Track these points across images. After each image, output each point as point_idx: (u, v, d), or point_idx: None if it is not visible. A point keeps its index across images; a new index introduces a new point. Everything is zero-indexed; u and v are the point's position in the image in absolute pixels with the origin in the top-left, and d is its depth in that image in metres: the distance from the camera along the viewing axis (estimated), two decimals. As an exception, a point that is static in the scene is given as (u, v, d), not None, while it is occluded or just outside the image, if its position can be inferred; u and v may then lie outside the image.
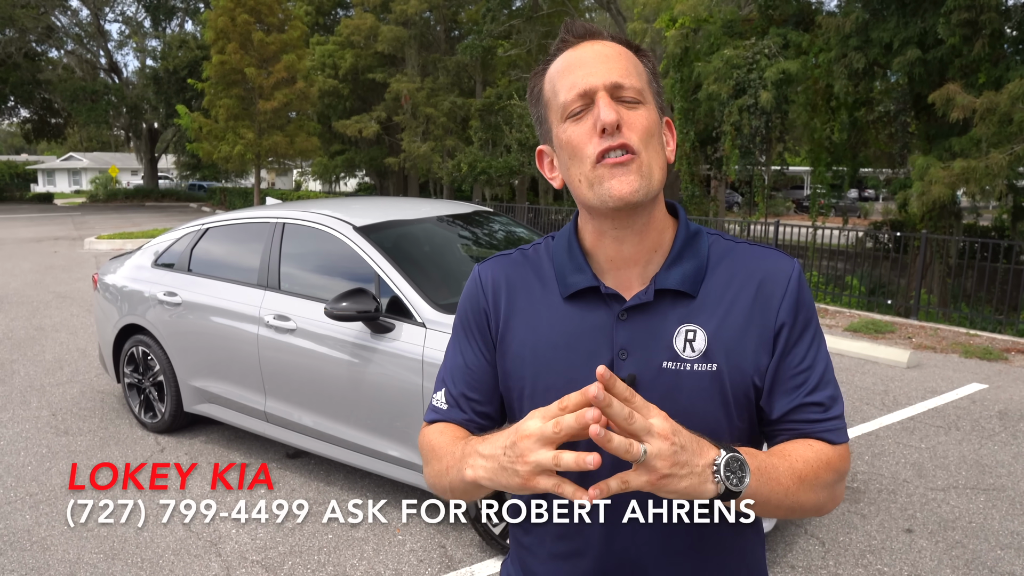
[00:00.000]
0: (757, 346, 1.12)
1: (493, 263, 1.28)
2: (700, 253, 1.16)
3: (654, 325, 1.12)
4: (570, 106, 1.08)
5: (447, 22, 28.00)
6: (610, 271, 1.16)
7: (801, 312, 1.14)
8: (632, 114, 1.07)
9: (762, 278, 1.14)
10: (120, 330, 5.28)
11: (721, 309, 1.12)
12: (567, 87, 1.09)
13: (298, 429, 4.28)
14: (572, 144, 1.09)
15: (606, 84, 1.06)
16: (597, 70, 1.07)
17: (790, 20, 13.78)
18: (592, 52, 1.09)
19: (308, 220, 4.46)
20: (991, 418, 5.57)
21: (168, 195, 40.39)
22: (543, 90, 1.14)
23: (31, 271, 13.24)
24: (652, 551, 1.14)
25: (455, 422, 1.24)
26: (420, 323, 3.70)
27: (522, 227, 5.21)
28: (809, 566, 3.51)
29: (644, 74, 1.11)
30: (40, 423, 5.37)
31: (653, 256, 1.15)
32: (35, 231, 21.85)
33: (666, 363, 1.11)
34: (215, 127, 20.80)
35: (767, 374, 1.13)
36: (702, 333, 1.11)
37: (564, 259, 1.19)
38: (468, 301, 1.27)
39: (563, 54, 1.12)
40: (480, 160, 22.67)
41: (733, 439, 1.13)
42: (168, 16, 37.27)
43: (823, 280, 11.66)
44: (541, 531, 1.22)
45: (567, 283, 1.17)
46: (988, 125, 9.87)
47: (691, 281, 1.13)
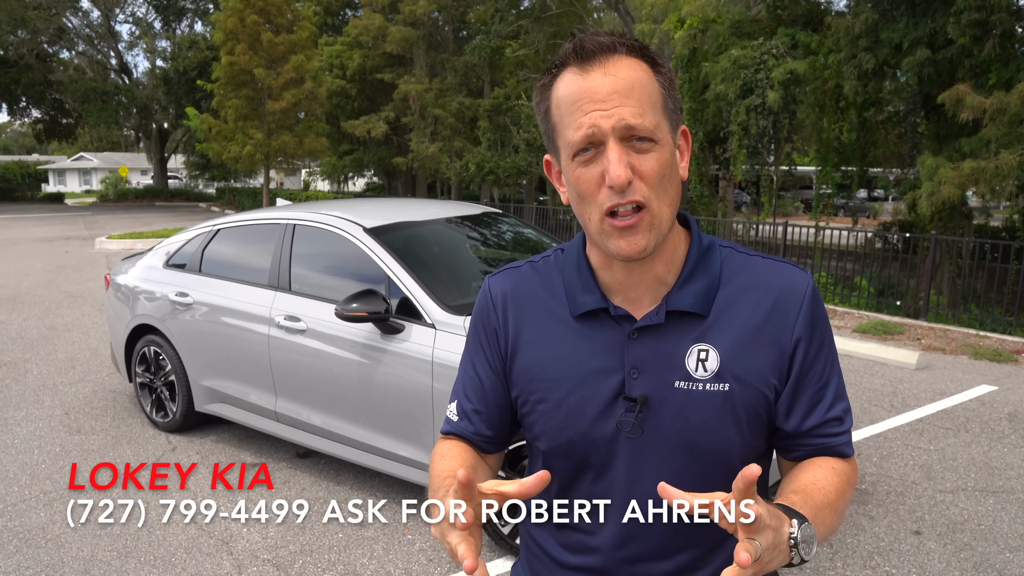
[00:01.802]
0: (771, 363, 1.11)
1: (503, 276, 1.27)
2: (712, 270, 1.14)
3: (665, 345, 1.12)
4: (578, 146, 1.03)
5: (455, 22, 28.02)
6: (620, 291, 1.15)
7: (817, 328, 1.14)
8: (643, 160, 1.02)
9: (777, 295, 1.13)
10: (132, 330, 5.33)
11: (734, 327, 1.11)
12: (575, 125, 1.03)
13: (308, 429, 4.32)
14: (580, 188, 1.05)
15: (616, 127, 1.00)
16: (608, 110, 1.01)
17: (798, 20, 13.75)
18: (604, 84, 1.01)
19: (318, 221, 4.49)
20: (1000, 420, 5.56)
21: (178, 195, 40.55)
22: (550, 111, 1.08)
23: (43, 271, 13.34)
24: (661, 553, 1.15)
25: (464, 435, 1.27)
26: (430, 324, 3.73)
27: (530, 228, 5.23)
28: (817, 568, 3.51)
29: (659, 98, 1.05)
30: (53, 422, 5.42)
31: (664, 276, 1.14)
32: (46, 231, 21.99)
33: (678, 383, 1.10)
34: (224, 127, 20.88)
35: (785, 392, 1.13)
36: (714, 353, 1.10)
37: (573, 276, 1.18)
38: (479, 315, 1.27)
39: (571, 73, 1.05)
40: (488, 160, 22.69)
41: (746, 456, 1.13)
42: (178, 17, 37.44)
43: (832, 281, 11.63)
44: (550, 538, 1.23)
45: (576, 302, 1.16)
46: (998, 126, 9.83)
47: (703, 301, 1.12)
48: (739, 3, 15.03)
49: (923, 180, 10.89)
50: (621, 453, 1.12)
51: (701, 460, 1.11)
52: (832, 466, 1.13)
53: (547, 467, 1.20)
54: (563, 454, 1.16)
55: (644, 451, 1.11)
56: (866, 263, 12.07)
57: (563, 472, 1.18)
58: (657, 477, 1.09)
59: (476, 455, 1.25)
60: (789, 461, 1.20)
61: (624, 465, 1.13)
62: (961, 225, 12.66)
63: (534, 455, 1.26)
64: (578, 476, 1.17)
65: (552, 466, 1.19)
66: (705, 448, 1.11)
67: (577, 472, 1.17)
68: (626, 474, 1.13)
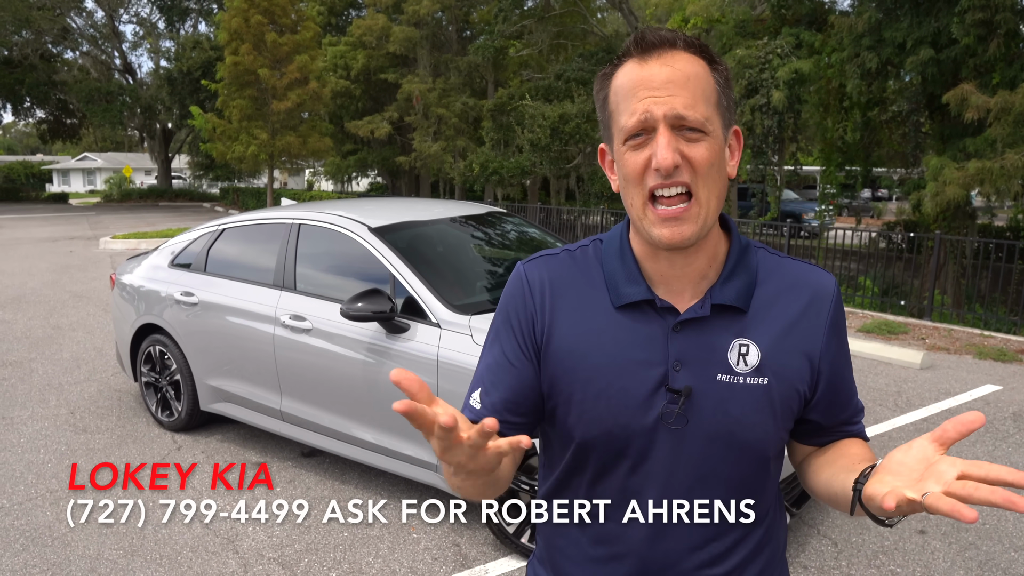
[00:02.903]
0: (803, 361, 1.17)
1: (539, 263, 1.25)
2: (751, 268, 1.18)
3: (708, 338, 1.14)
4: (630, 131, 1.07)
5: (459, 22, 28.03)
6: (662, 283, 1.17)
7: (842, 329, 1.22)
8: (693, 148, 1.05)
9: (810, 296, 1.19)
10: (137, 329, 5.35)
11: (772, 325, 1.16)
12: (629, 111, 1.07)
13: (313, 428, 4.33)
14: (628, 170, 1.09)
15: (667, 115, 1.04)
16: (661, 98, 1.04)
17: (803, 20, 13.73)
18: (660, 73, 1.05)
19: (323, 221, 4.51)
20: (1005, 420, 5.55)
21: (182, 195, 40.61)
22: (608, 99, 1.12)
23: (48, 270, 13.37)
24: (692, 544, 1.17)
25: None
26: (435, 323, 3.73)
27: (534, 228, 5.24)
28: (822, 566, 3.52)
29: (713, 93, 1.08)
30: (59, 421, 5.44)
31: (707, 271, 1.17)
32: (51, 231, 22.05)
33: (720, 376, 1.13)
34: (228, 127, 20.90)
35: (817, 390, 1.20)
36: (755, 348, 1.14)
37: (616, 266, 1.19)
38: (513, 301, 1.24)
39: (632, 63, 1.09)
40: (492, 160, 22.69)
41: (777, 447, 1.21)
42: (182, 17, 37.48)
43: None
44: (577, 533, 1.23)
45: (620, 293, 1.16)
46: (1003, 125, 9.80)
47: (744, 296, 1.15)
48: (743, 3, 15.02)
49: (928, 180, 10.87)
50: (660, 444, 1.14)
51: (739, 451, 1.15)
52: (862, 444, 1.24)
53: (579, 458, 1.20)
54: (600, 444, 1.16)
55: (683, 442, 1.13)
56: (870, 263, 12.06)
57: (597, 463, 1.18)
58: (694, 468, 1.14)
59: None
60: (809, 446, 1.28)
61: (662, 456, 1.14)
62: (965, 225, 12.63)
63: (560, 447, 1.23)
64: (613, 467, 1.17)
65: (586, 457, 1.18)
66: (743, 440, 1.14)
67: (613, 463, 1.17)
68: (663, 465, 1.15)
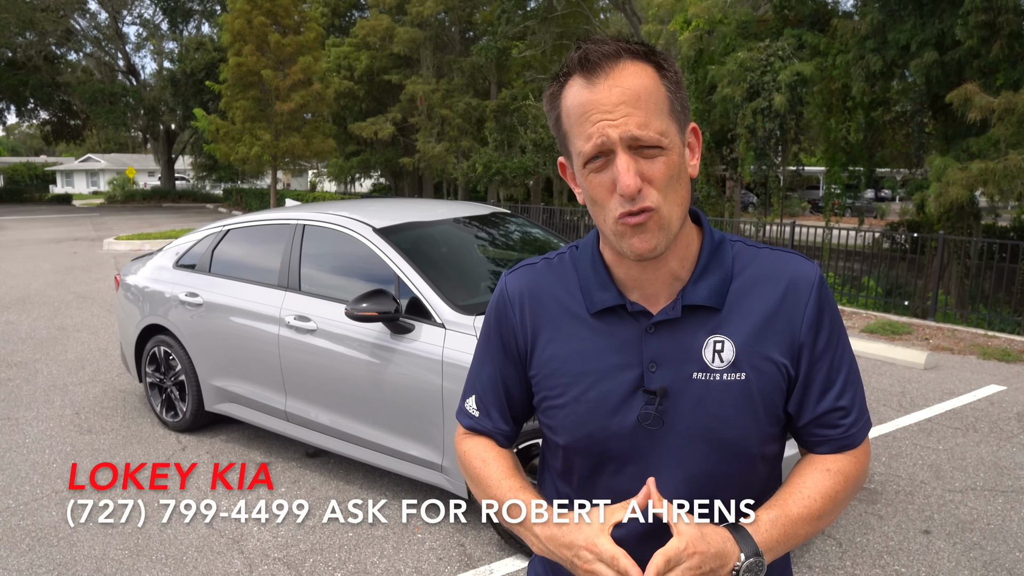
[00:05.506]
0: (783, 352, 1.15)
1: (520, 274, 1.29)
2: (725, 264, 1.17)
3: (683, 337, 1.14)
4: (588, 156, 1.06)
5: (462, 23, 28.05)
6: (636, 288, 1.18)
7: (825, 317, 1.17)
8: (651, 165, 1.05)
9: (786, 286, 1.16)
10: (142, 330, 5.36)
11: (747, 318, 1.15)
12: (584, 135, 1.06)
13: (318, 428, 4.33)
14: (593, 194, 1.09)
15: (623, 137, 1.03)
16: (616, 120, 1.03)
17: (805, 21, 13.71)
18: (610, 96, 1.04)
19: (328, 222, 4.51)
20: (1009, 420, 5.55)
21: (185, 196, 40.68)
22: (560, 120, 1.11)
23: (52, 271, 13.41)
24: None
25: (485, 431, 1.30)
26: (439, 324, 3.74)
27: (538, 228, 5.25)
28: (826, 566, 3.52)
29: (665, 102, 1.07)
30: (64, 421, 5.46)
31: (679, 272, 1.17)
32: (55, 232, 22.10)
33: (696, 374, 1.13)
34: (232, 129, 20.95)
35: (797, 381, 1.16)
36: (730, 343, 1.13)
37: (589, 273, 1.21)
38: (496, 312, 1.29)
39: (578, 84, 1.07)
40: (495, 161, 22.71)
41: (763, 443, 1.17)
42: (185, 18, 37.55)
43: (839, 281, 11.61)
44: None
45: (593, 300, 1.19)
46: (1006, 126, 9.79)
47: (717, 294, 1.15)
48: (745, 4, 15.00)
49: (931, 180, 10.87)
50: (642, 445, 1.15)
51: (721, 449, 1.14)
52: (827, 467, 1.17)
53: (567, 462, 1.23)
54: (583, 448, 1.19)
55: (664, 442, 1.14)
56: (874, 263, 12.04)
57: (583, 466, 1.21)
58: (679, 467, 1.14)
59: (514, 458, 1.29)
60: (803, 448, 1.25)
61: (647, 457, 1.15)
62: (969, 225, 12.62)
63: (551, 451, 1.28)
64: (598, 470, 1.20)
65: (572, 461, 1.22)
66: (724, 437, 1.14)
67: (597, 466, 1.20)
68: (649, 465, 1.15)
